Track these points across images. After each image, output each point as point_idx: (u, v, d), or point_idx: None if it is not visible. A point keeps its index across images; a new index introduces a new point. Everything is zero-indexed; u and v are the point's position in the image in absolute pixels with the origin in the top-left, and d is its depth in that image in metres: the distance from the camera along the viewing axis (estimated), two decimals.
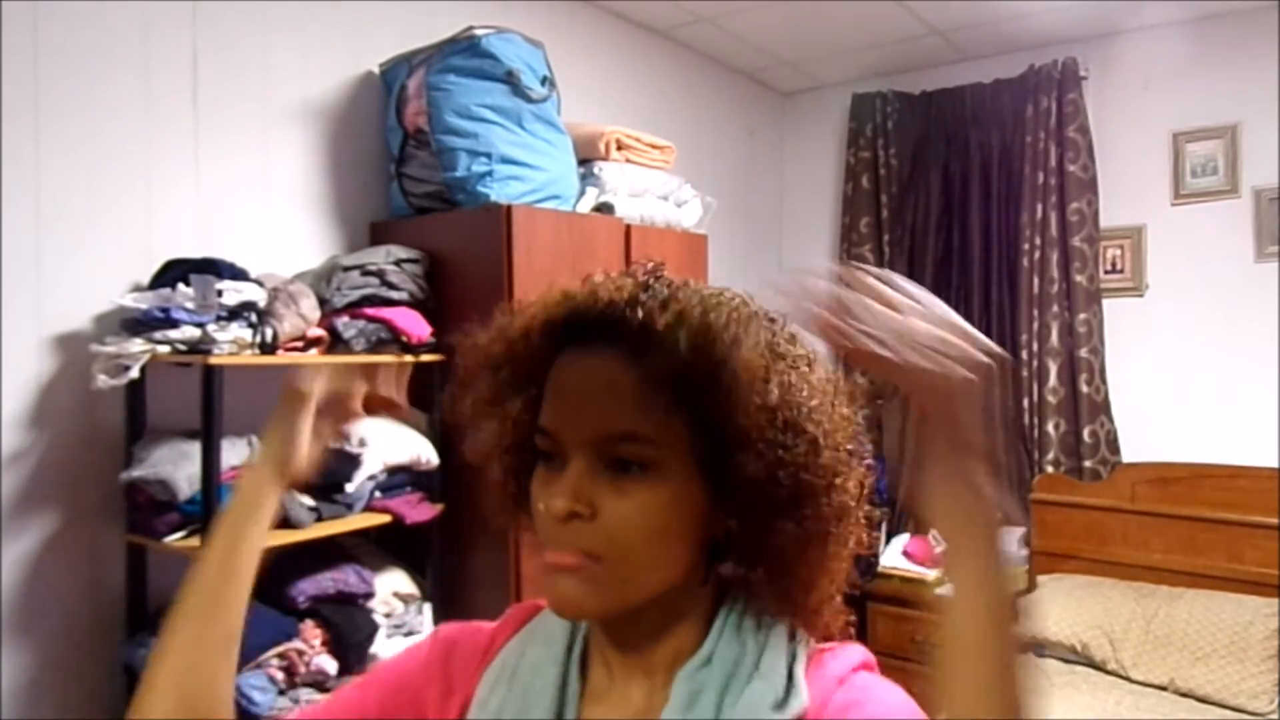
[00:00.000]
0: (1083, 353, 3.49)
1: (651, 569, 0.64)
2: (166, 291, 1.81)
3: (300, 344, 2.01)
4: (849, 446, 0.68)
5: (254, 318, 1.89)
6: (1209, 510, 3.18)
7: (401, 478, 2.16)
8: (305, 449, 0.80)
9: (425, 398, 2.00)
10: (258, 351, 1.89)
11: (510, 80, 2.27)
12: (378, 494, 2.11)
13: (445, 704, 0.74)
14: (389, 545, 2.21)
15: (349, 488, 2.05)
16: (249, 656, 1.80)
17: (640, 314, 0.63)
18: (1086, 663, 2.99)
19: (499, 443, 0.72)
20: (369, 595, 2.07)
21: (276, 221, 2.27)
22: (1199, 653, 2.82)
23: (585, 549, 0.63)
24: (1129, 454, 3.49)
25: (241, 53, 2.19)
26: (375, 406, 0.83)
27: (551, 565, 0.64)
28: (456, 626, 0.80)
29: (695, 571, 0.67)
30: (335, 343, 2.07)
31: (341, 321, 2.08)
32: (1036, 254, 3.56)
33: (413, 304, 2.21)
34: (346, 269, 2.15)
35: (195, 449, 1.83)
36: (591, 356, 0.65)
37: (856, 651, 0.70)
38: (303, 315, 1.99)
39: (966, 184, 3.75)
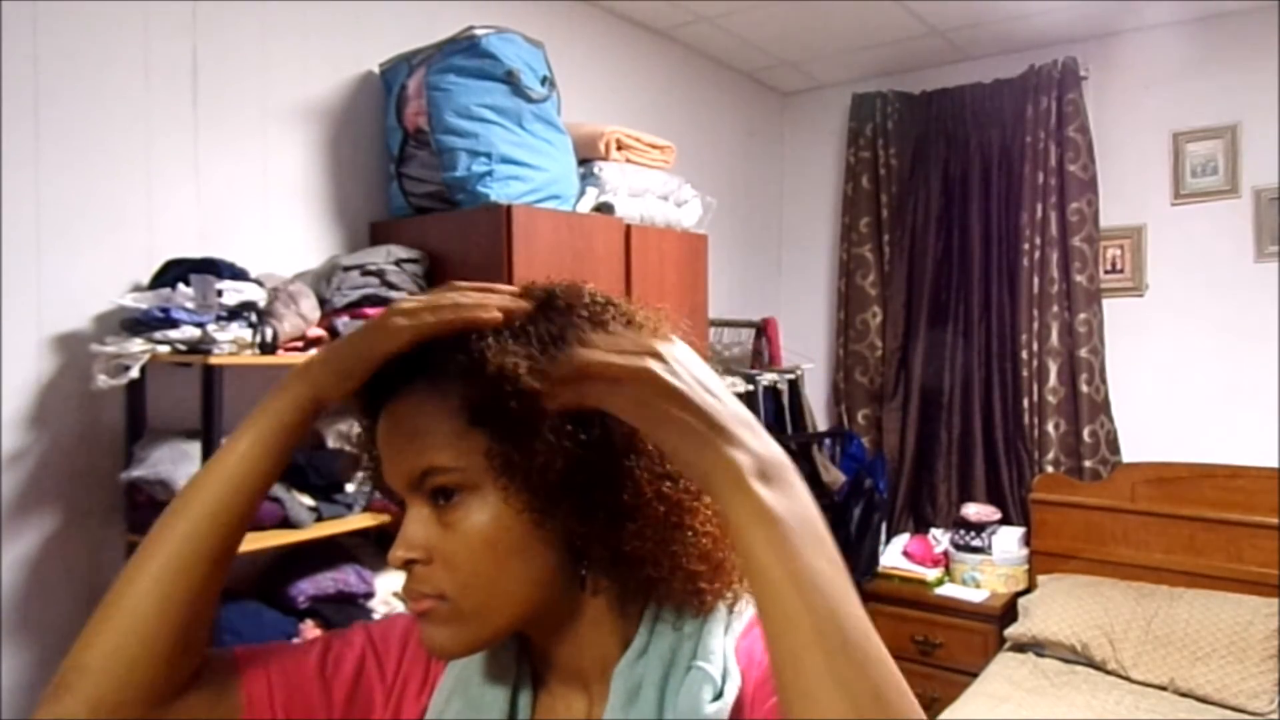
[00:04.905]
0: (1083, 353, 3.49)
1: (499, 593, 0.63)
2: (166, 291, 1.81)
3: (300, 344, 2.01)
4: None
5: (254, 318, 1.89)
6: (1209, 510, 3.19)
7: None
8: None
9: None
10: (258, 351, 1.89)
11: (510, 80, 2.26)
12: (378, 494, 2.11)
13: (421, 688, 0.73)
14: (389, 545, 2.20)
15: (349, 488, 2.05)
16: None
17: (417, 350, 0.63)
18: (1086, 663, 2.99)
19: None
20: (369, 595, 2.07)
21: (276, 221, 2.27)
22: (1199, 653, 2.83)
23: (430, 592, 0.64)
24: (1129, 454, 3.49)
25: (241, 53, 2.19)
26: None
27: (412, 614, 0.65)
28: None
29: (569, 580, 0.66)
30: None
31: (342, 321, 2.08)
32: (1036, 254, 3.56)
33: None
34: (346, 269, 2.15)
35: (195, 449, 1.83)
36: (394, 405, 0.66)
37: None
38: (303, 315, 1.99)
39: (966, 184, 3.75)
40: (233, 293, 1.85)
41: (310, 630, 1.93)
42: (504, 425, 0.61)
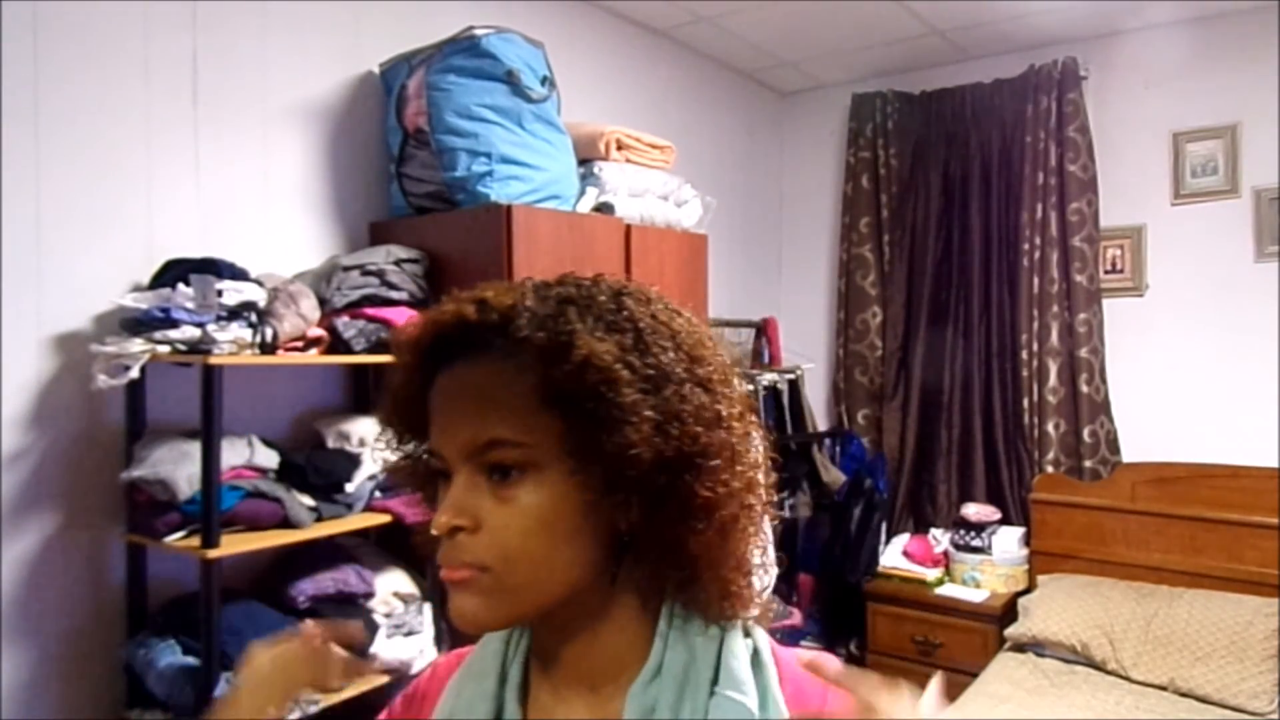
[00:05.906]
0: (1083, 353, 3.49)
1: (544, 573, 0.63)
2: (166, 291, 1.81)
3: (300, 344, 2.01)
4: (736, 420, 0.66)
5: (254, 318, 1.89)
6: (1209, 510, 3.19)
7: None
8: None
9: None
10: (258, 351, 1.89)
11: (510, 80, 2.26)
12: (378, 494, 2.11)
13: None
14: (389, 545, 2.21)
15: (349, 488, 2.05)
16: None
17: (495, 319, 0.63)
18: (1086, 663, 2.99)
19: (414, 474, 0.72)
20: (369, 595, 2.06)
21: (276, 221, 2.27)
22: (1199, 653, 2.83)
23: (472, 561, 0.63)
24: (1129, 454, 3.49)
25: (241, 53, 2.19)
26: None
27: (446, 581, 0.64)
28: (410, 686, 0.80)
29: (603, 571, 0.66)
30: (335, 343, 2.07)
31: (341, 321, 2.08)
32: (1036, 254, 3.56)
33: (413, 304, 2.21)
34: (346, 269, 2.15)
35: (195, 449, 1.83)
36: (460, 370, 0.65)
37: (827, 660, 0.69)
38: (303, 315, 1.99)
39: (966, 184, 3.75)
40: (233, 293, 1.85)
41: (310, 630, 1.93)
42: (584, 410, 0.60)
